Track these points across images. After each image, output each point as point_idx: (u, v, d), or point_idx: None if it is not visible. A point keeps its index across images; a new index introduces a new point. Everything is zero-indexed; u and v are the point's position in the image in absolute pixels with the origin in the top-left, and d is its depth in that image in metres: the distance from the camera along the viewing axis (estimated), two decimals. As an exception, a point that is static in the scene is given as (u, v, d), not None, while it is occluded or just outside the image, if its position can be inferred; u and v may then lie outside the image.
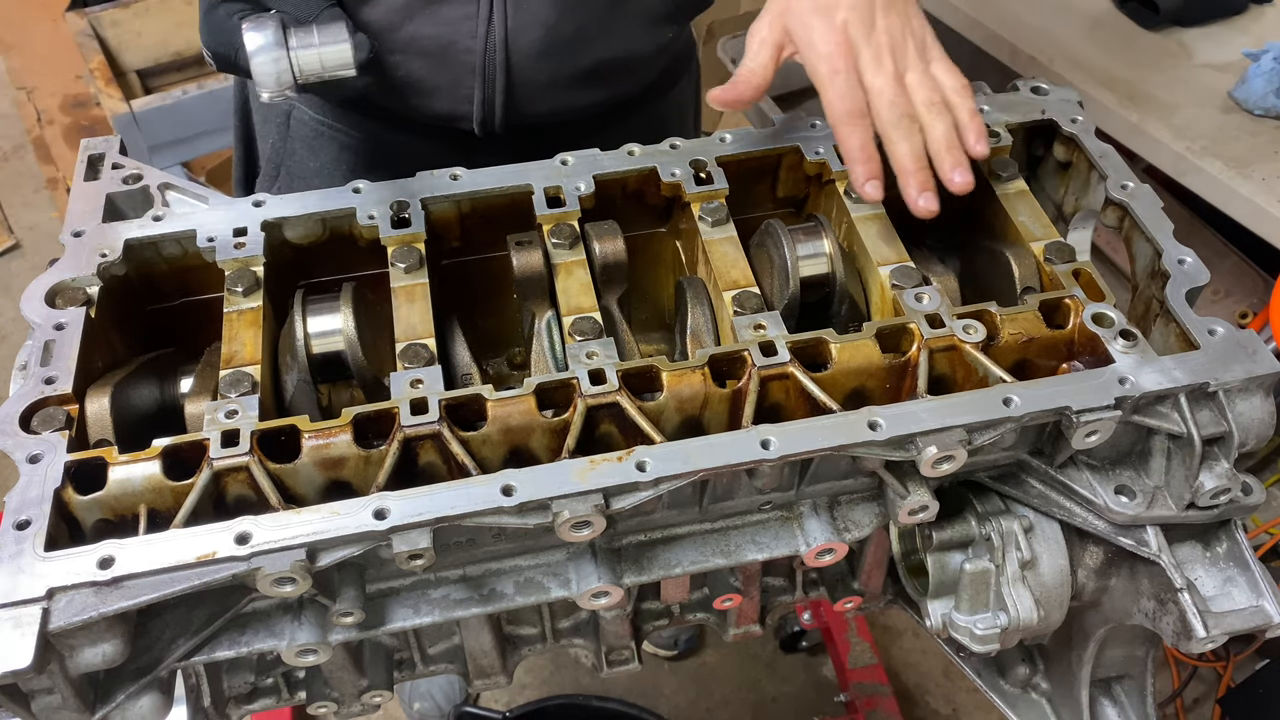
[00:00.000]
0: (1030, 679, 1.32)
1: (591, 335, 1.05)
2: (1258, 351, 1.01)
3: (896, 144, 1.11)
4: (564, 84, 1.43)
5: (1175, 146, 1.98)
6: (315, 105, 1.51)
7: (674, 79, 1.65)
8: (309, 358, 1.10)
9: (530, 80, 1.40)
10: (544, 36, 1.36)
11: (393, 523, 0.88)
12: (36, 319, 1.04)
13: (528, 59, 1.37)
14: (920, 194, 1.10)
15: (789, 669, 2.80)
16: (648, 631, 1.33)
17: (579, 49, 1.40)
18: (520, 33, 1.35)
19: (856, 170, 1.13)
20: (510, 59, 1.37)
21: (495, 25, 1.34)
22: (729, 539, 1.09)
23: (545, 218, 1.16)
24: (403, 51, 1.37)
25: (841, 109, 1.11)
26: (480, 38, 1.35)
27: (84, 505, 0.93)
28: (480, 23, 1.34)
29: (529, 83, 1.40)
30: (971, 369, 1.03)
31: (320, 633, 1.00)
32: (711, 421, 1.03)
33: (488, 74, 1.38)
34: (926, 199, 1.10)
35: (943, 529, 1.12)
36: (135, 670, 0.95)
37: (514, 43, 1.35)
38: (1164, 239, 1.12)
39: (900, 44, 1.12)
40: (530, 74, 1.39)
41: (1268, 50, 2.02)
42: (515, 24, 1.34)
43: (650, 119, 1.62)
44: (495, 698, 2.66)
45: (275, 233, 1.15)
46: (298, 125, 1.54)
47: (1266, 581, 1.05)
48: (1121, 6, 2.29)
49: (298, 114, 1.53)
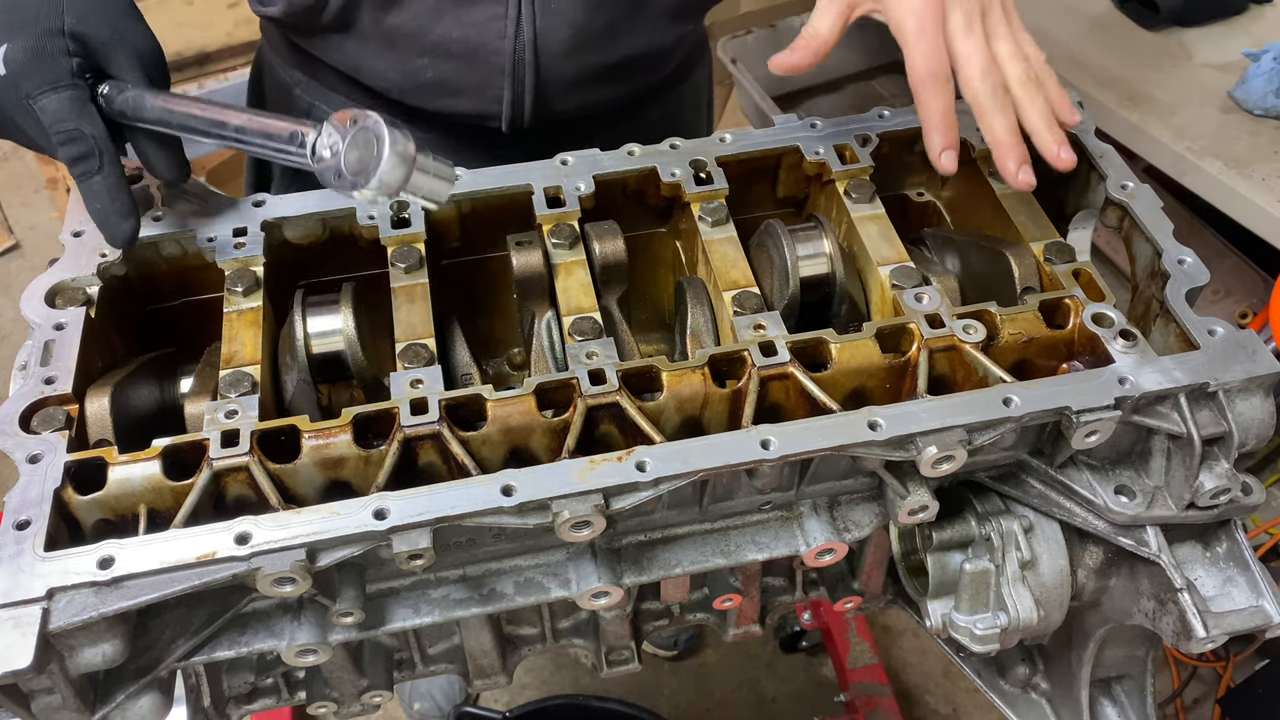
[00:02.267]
0: (1030, 679, 1.32)
1: (591, 335, 1.05)
2: (1258, 351, 1.01)
3: (993, 116, 1.07)
4: (591, 80, 1.43)
5: (1175, 146, 1.98)
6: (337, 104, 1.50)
7: (690, 69, 1.67)
8: (309, 358, 1.10)
9: (559, 79, 1.40)
10: (573, 36, 1.36)
11: (393, 523, 0.88)
12: (36, 319, 1.04)
13: (556, 58, 1.38)
14: (1019, 168, 1.08)
15: (789, 669, 2.80)
16: (648, 631, 1.33)
17: (606, 46, 1.40)
18: (549, 33, 1.35)
19: (934, 138, 1.09)
20: (539, 59, 1.37)
21: (524, 26, 1.34)
22: (729, 539, 1.09)
23: (545, 218, 1.16)
24: (432, 54, 1.37)
25: (925, 69, 1.07)
26: (509, 39, 1.35)
27: (84, 505, 0.93)
28: (509, 23, 1.34)
29: (557, 81, 1.40)
30: (971, 369, 1.03)
31: (320, 633, 1.00)
32: (711, 421, 1.03)
33: (517, 74, 1.38)
34: (1025, 172, 1.08)
35: (943, 529, 1.12)
36: (135, 670, 0.95)
37: (543, 43, 1.36)
38: (1164, 239, 1.12)
39: (991, 8, 1.09)
40: (558, 72, 1.39)
41: (1268, 50, 2.02)
42: (544, 24, 1.35)
43: (668, 108, 1.64)
44: (495, 698, 2.66)
45: (275, 233, 1.15)
46: None
47: (1266, 581, 1.05)
48: (1121, 6, 2.29)
49: (318, 113, 1.52)
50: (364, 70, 1.44)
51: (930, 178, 1.34)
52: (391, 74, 1.42)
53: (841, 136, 1.23)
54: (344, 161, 0.89)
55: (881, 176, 1.22)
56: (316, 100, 1.52)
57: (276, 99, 1.60)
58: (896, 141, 1.27)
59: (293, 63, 1.55)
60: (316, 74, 1.52)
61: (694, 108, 1.73)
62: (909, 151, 1.30)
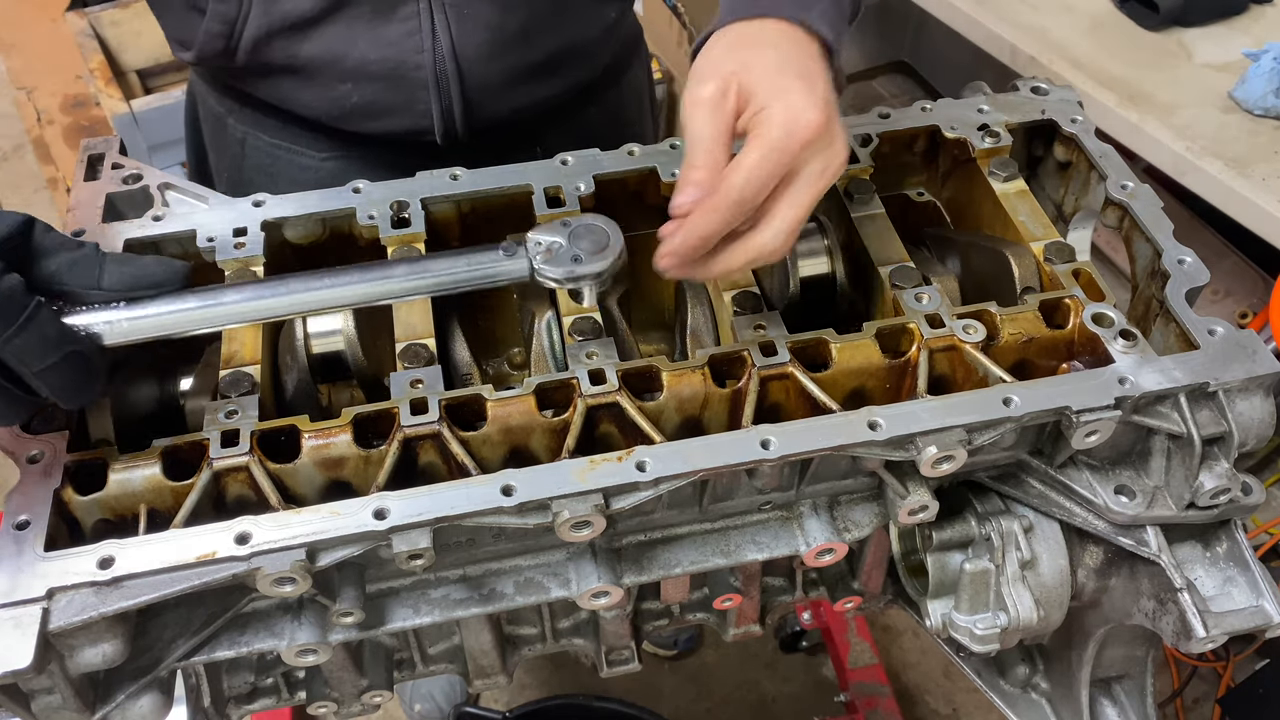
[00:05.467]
0: (1030, 679, 1.32)
1: (591, 335, 1.05)
2: (1258, 351, 1.01)
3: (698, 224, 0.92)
4: (518, 81, 1.41)
5: (1175, 146, 1.98)
6: (271, 130, 1.48)
7: (625, 64, 1.64)
8: (309, 358, 1.10)
9: (484, 84, 1.38)
10: (491, 38, 1.34)
11: (393, 523, 0.88)
12: (36, 319, 1.04)
13: (478, 63, 1.36)
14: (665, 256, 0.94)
15: (789, 669, 2.80)
16: (648, 631, 1.33)
17: (527, 44, 1.38)
18: (466, 38, 1.33)
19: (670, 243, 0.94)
20: (461, 66, 1.35)
21: (440, 36, 1.32)
22: (729, 539, 1.09)
23: (545, 217, 1.16)
24: (353, 79, 1.35)
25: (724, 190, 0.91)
26: (428, 51, 1.33)
27: (84, 505, 0.93)
28: (424, 36, 1.32)
29: (484, 86, 1.38)
30: (971, 369, 1.03)
31: (320, 633, 1.00)
32: (711, 421, 1.03)
33: (441, 86, 1.36)
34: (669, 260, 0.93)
35: (943, 529, 1.12)
36: (135, 670, 0.95)
37: (461, 50, 1.34)
38: (1164, 239, 1.12)
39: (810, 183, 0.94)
40: (483, 78, 1.37)
41: (1268, 50, 2.02)
42: (459, 31, 1.32)
43: (609, 107, 1.61)
44: (495, 698, 2.66)
45: (275, 233, 1.15)
46: (254, 152, 1.51)
47: (1266, 581, 1.05)
48: (1121, 6, 2.29)
49: (253, 140, 1.50)
50: (290, 101, 1.41)
51: (930, 178, 1.34)
52: (317, 104, 1.39)
53: (841, 136, 1.23)
54: (578, 247, 0.96)
55: (881, 176, 1.22)
56: (250, 129, 1.49)
57: (211, 130, 1.58)
58: (896, 141, 1.27)
59: (223, 92, 1.51)
60: (247, 103, 1.48)
61: (636, 107, 1.70)
62: (909, 151, 1.30)
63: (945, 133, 1.25)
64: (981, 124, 1.24)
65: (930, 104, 1.28)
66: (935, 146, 1.29)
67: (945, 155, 1.30)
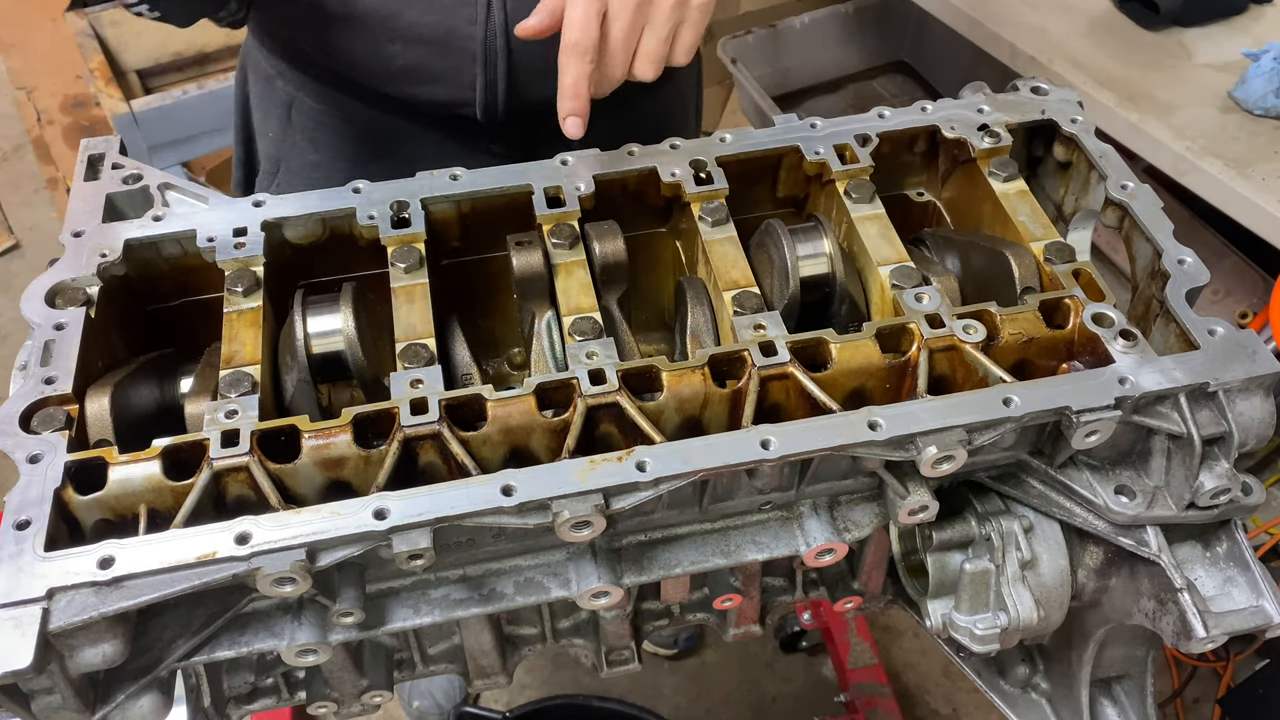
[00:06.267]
0: (1030, 679, 1.32)
1: (591, 335, 1.05)
2: (1258, 351, 1.01)
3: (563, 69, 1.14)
4: None
5: (1175, 146, 1.98)
6: (317, 94, 1.51)
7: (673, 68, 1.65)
8: (309, 358, 1.10)
9: (531, 65, 1.39)
10: None
11: (393, 523, 0.88)
12: (36, 319, 1.04)
13: (528, 43, 1.37)
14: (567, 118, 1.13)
15: (789, 669, 2.80)
16: (648, 631, 1.33)
17: None
18: (519, 16, 1.34)
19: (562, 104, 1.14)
20: (511, 44, 1.36)
21: (494, 10, 1.34)
22: (729, 539, 1.09)
23: (545, 218, 1.16)
24: (403, 39, 1.37)
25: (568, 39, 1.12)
26: (480, 23, 1.35)
27: (84, 505, 0.93)
28: (479, 9, 1.34)
29: (530, 67, 1.40)
30: (971, 369, 1.03)
31: (320, 633, 1.00)
32: (711, 421, 1.03)
33: (489, 59, 1.37)
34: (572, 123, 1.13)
35: (943, 529, 1.12)
36: (135, 670, 0.95)
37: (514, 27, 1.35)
38: (1164, 239, 1.12)
39: None
40: (531, 58, 1.39)
41: (1268, 50, 2.02)
42: (514, 7, 1.34)
43: (652, 107, 1.62)
44: (495, 698, 2.66)
45: (275, 233, 1.15)
46: (299, 116, 1.54)
47: (1266, 581, 1.05)
48: (1121, 6, 2.29)
49: (299, 104, 1.53)
50: (338, 57, 1.43)
51: (930, 178, 1.34)
52: (365, 60, 1.42)
53: (841, 136, 1.23)
54: None
55: (881, 176, 1.22)
56: (297, 91, 1.52)
57: (259, 92, 1.61)
58: (896, 141, 1.27)
59: (274, 51, 1.55)
60: (296, 63, 1.52)
61: (680, 111, 1.70)
62: (909, 151, 1.30)
63: (945, 133, 1.25)
64: (981, 124, 1.24)
65: (930, 104, 1.28)
66: (935, 146, 1.29)
67: (945, 155, 1.30)
